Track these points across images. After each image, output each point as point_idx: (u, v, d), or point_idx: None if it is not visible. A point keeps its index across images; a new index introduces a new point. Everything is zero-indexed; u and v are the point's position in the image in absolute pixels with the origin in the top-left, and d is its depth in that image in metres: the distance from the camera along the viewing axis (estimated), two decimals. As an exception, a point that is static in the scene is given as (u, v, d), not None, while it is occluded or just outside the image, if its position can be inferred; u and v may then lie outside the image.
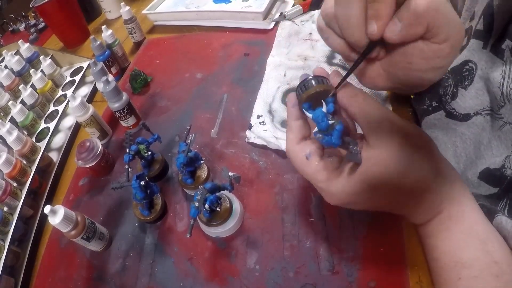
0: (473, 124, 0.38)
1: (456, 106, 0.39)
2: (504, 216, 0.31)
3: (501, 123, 0.34)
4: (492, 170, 0.34)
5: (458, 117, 0.39)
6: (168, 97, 0.67)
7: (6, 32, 1.26)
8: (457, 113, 0.39)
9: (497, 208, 0.33)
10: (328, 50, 0.64)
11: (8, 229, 0.48)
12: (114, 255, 0.46)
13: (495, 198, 0.34)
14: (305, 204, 0.44)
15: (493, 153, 0.35)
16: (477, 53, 0.36)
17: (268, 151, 0.51)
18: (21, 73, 0.76)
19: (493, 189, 0.35)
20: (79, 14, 0.93)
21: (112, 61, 0.74)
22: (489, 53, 0.34)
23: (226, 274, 0.41)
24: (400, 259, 0.37)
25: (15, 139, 0.55)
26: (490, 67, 0.34)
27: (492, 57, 0.34)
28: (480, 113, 0.37)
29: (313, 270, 0.38)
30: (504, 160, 0.33)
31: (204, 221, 0.42)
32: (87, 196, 0.54)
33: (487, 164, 0.35)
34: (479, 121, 0.37)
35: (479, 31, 0.35)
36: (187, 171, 0.46)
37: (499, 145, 0.34)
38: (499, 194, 0.34)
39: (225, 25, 0.80)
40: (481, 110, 0.36)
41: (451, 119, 0.40)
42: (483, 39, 0.35)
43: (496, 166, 0.34)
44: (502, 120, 0.34)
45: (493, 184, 0.35)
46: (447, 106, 0.41)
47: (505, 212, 0.32)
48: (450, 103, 0.40)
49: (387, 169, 0.28)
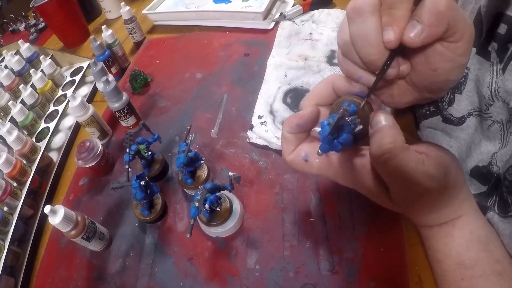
0: (467, 127, 0.39)
1: (452, 111, 0.40)
2: (496, 214, 0.32)
3: (489, 122, 0.35)
4: (480, 167, 0.35)
5: (454, 121, 0.40)
6: (168, 97, 0.67)
7: (6, 32, 1.26)
8: (453, 117, 0.40)
9: (487, 205, 0.34)
10: (328, 50, 0.64)
11: (8, 229, 0.48)
12: (114, 255, 0.46)
13: (485, 195, 0.35)
14: (305, 204, 0.44)
15: (481, 151, 0.36)
16: (471, 59, 0.37)
17: (268, 151, 0.51)
18: (21, 73, 0.76)
19: (482, 187, 0.36)
20: (79, 14, 0.93)
21: (112, 61, 0.74)
22: (478, 56, 0.35)
23: (226, 274, 0.41)
24: (400, 259, 0.37)
25: (15, 139, 0.55)
26: (479, 69, 0.35)
27: (480, 59, 0.35)
28: (472, 114, 0.38)
29: (313, 270, 0.38)
30: (491, 158, 0.34)
31: (204, 221, 0.42)
32: (87, 196, 0.54)
33: (475, 162, 0.36)
34: (472, 122, 0.38)
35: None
36: (187, 171, 0.46)
37: (487, 144, 0.35)
38: (488, 192, 0.35)
39: (225, 25, 0.80)
40: (472, 110, 0.37)
41: (448, 124, 0.41)
42: (475, 45, 0.36)
43: (484, 164, 0.35)
44: (490, 119, 0.35)
45: (483, 182, 0.36)
46: (444, 112, 0.42)
47: (495, 208, 0.33)
48: (447, 109, 0.41)
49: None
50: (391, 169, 0.26)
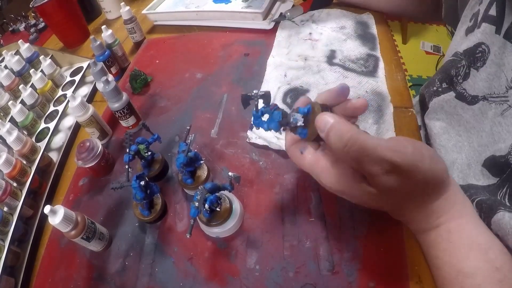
0: (478, 111, 0.38)
1: (467, 86, 0.40)
2: (507, 212, 0.31)
3: (505, 106, 0.34)
4: (497, 157, 0.34)
5: (467, 98, 0.40)
6: (168, 97, 0.67)
7: (6, 32, 1.26)
8: (467, 94, 0.40)
9: (497, 198, 0.33)
10: (328, 50, 0.64)
11: (8, 229, 0.48)
12: (114, 255, 0.46)
13: (495, 188, 0.34)
14: (305, 204, 0.44)
15: (496, 140, 0.35)
16: (490, 37, 0.36)
17: (268, 151, 0.51)
18: (21, 73, 0.76)
19: (492, 179, 0.35)
20: (79, 14, 0.93)
21: (112, 61, 0.74)
22: (503, 39, 0.35)
23: (226, 274, 0.41)
24: (400, 259, 0.37)
25: (15, 139, 0.55)
26: (503, 52, 0.35)
27: (505, 42, 0.35)
28: (487, 99, 0.37)
29: (313, 270, 0.38)
30: (510, 147, 0.33)
31: (204, 221, 0.42)
32: (87, 196, 0.54)
33: (491, 151, 0.35)
34: (484, 108, 0.37)
35: (491, 16, 0.36)
36: (187, 171, 0.46)
37: (501, 131, 0.34)
38: (499, 183, 0.34)
39: (225, 25, 0.80)
40: (488, 95, 0.37)
41: (460, 100, 0.41)
42: (495, 24, 0.36)
43: (502, 153, 0.33)
44: (506, 103, 0.34)
45: (495, 173, 0.35)
46: (458, 87, 0.41)
47: (506, 200, 0.32)
48: (461, 84, 0.41)
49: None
50: (357, 153, 0.27)
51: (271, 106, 0.35)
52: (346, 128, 0.28)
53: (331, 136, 0.28)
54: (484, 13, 0.37)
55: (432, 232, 0.32)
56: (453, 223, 0.31)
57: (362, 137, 0.27)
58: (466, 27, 0.41)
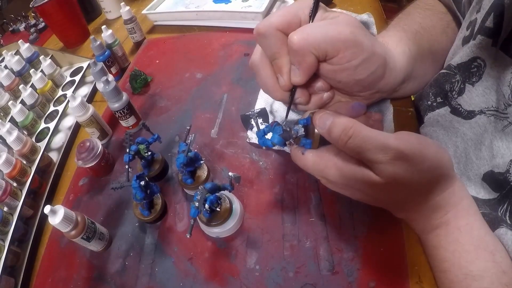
0: (475, 124, 0.37)
1: (462, 102, 0.39)
2: (509, 230, 0.30)
3: (505, 123, 0.33)
4: (496, 173, 0.34)
5: (463, 113, 0.39)
6: (168, 97, 0.67)
7: (6, 32, 1.26)
8: (462, 109, 0.39)
9: (498, 214, 0.32)
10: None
11: (8, 229, 0.48)
12: (114, 255, 0.46)
13: (495, 203, 0.33)
14: (305, 204, 0.44)
15: (494, 155, 0.34)
16: (486, 51, 0.35)
17: (268, 151, 0.51)
18: (21, 73, 0.76)
19: (493, 194, 0.34)
20: (79, 14, 0.93)
21: (112, 61, 0.74)
22: (500, 52, 0.34)
23: (226, 274, 0.41)
24: (400, 259, 0.37)
25: (15, 139, 0.55)
26: (499, 65, 0.34)
27: (503, 56, 0.34)
28: (484, 113, 0.36)
29: (313, 270, 0.38)
30: (508, 165, 0.32)
31: (204, 221, 0.42)
32: (87, 196, 0.54)
33: (489, 166, 0.35)
34: (482, 121, 0.36)
35: (487, 28, 0.35)
36: (187, 171, 0.46)
37: (500, 147, 0.34)
38: (499, 199, 0.33)
39: (225, 25, 0.80)
40: (486, 109, 0.36)
41: (455, 115, 0.40)
42: (492, 37, 0.34)
43: (500, 170, 0.33)
44: (507, 120, 0.33)
45: (495, 188, 0.34)
46: (453, 102, 0.40)
47: (507, 217, 0.31)
48: (456, 99, 0.40)
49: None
50: (362, 143, 0.28)
51: (271, 123, 0.36)
52: (348, 122, 0.28)
53: (334, 131, 0.28)
54: (481, 23, 0.36)
55: (441, 231, 0.31)
56: (462, 221, 0.30)
57: (365, 129, 0.27)
58: (463, 36, 0.40)
